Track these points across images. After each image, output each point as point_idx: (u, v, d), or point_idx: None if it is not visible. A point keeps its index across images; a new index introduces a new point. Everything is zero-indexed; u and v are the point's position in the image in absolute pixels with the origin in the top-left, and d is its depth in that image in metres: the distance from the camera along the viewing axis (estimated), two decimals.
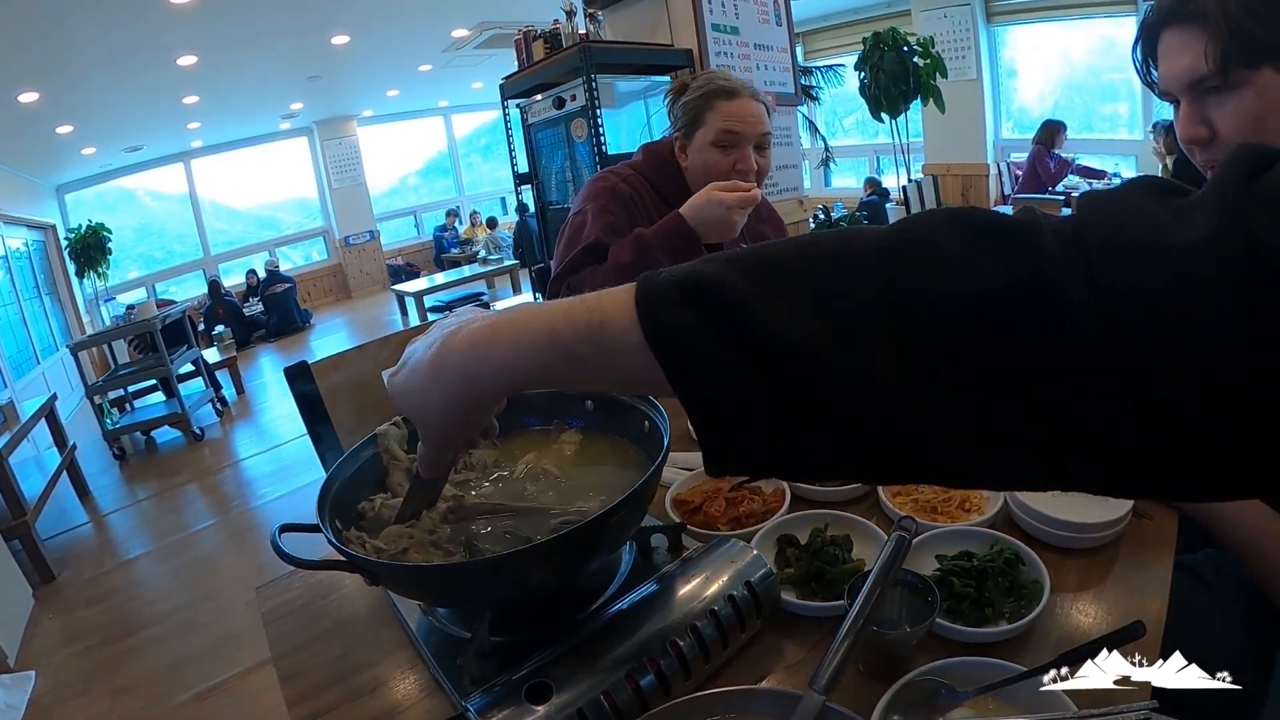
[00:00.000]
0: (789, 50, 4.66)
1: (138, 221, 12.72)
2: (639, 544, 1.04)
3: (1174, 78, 1.11)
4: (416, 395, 0.65)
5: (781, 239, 0.52)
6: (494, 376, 0.60)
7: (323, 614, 1.14)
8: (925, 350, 0.42)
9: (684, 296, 0.48)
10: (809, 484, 1.21)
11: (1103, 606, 0.93)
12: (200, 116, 10.36)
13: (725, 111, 1.90)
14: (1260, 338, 0.36)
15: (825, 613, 0.94)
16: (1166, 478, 0.42)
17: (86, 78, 7.26)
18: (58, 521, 5.06)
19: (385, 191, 14.93)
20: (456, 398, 0.63)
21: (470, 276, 9.31)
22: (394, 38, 8.89)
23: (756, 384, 0.46)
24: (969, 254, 0.43)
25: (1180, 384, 0.38)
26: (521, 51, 4.30)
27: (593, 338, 0.53)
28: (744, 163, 1.91)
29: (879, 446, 0.46)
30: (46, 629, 3.80)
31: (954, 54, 8.95)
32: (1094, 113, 9.14)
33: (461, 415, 0.65)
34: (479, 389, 0.62)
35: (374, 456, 1.05)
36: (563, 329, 0.55)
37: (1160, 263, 0.39)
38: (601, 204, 1.92)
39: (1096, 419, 0.40)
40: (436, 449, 0.73)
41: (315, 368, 1.71)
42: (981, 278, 0.42)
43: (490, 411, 0.71)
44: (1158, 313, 0.38)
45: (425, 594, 0.93)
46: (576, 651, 0.80)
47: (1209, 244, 0.38)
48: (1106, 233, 0.41)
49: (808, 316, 0.45)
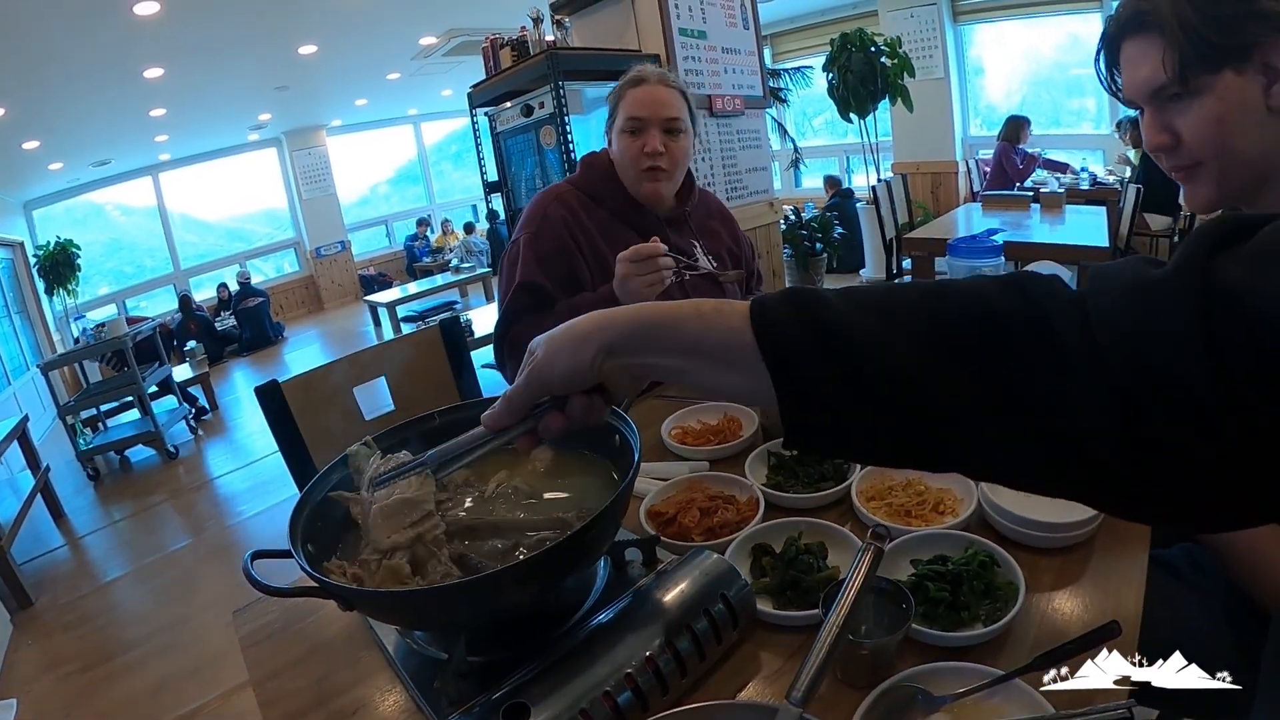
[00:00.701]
0: (757, 53, 4.67)
1: (108, 236, 12.56)
2: (614, 558, 1.04)
3: (1136, 87, 1.13)
4: (552, 335, 0.72)
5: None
6: (629, 313, 0.69)
7: (301, 637, 1.13)
8: (945, 349, 0.54)
9: (785, 297, 0.61)
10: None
11: (1079, 605, 0.94)
12: (168, 129, 10.22)
13: (632, 98, 1.95)
14: (1216, 356, 0.44)
15: (801, 622, 0.94)
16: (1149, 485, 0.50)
17: (52, 92, 7.16)
18: (33, 545, 4.98)
19: (356, 201, 14.81)
20: (589, 329, 0.70)
21: (443, 285, 9.26)
22: (362, 47, 8.83)
23: (825, 360, 0.57)
24: (997, 293, 0.55)
25: (1146, 387, 0.47)
26: (489, 59, 4.28)
27: (718, 304, 0.65)
28: (649, 144, 1.93)
29: (906, 424, 0.56)
30: (26, 656, 3.75)
31: (921, 53, 9.00)
32: (1061, 108, 9.21)
33: (582, 346, 0.69)
34: (612, 320, 0.69)
35: (344, 478, 1.04)
36: (702, 304, 0.66)
37: (1131, 292, 0.50)
38: (532, 232, 1.94)
39: (1078, 426, 0.50)
40: (530, 379, 0.73)
41: (285, 386, 1.70)
42: (999, 306, 0.54)
43: (598, 368, 0.70)
44: (1126, 332, 0.48)
45: (400, 619, 0.93)
46: (554, 670, 0.80)
47: (1168, 271, 0.48)
48: (1099, 283, 0.52)
49: (870, 318, 0.57)
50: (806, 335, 0.57)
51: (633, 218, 2.01)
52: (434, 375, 1.94)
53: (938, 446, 0.57)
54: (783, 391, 0.59)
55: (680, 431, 1.57)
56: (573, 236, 1.92)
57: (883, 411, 0.56)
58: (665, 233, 2.01)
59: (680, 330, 0.66)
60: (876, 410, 0.56)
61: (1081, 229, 4.87)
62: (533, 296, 1.88)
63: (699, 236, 2.13)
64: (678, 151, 1.98)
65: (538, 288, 1.87)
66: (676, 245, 2.02)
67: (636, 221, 2.00)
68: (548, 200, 1.99)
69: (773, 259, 4.89)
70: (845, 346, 0.56)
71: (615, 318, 0.69)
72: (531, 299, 1.88)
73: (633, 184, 1.99)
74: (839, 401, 0.57)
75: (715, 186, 4.38)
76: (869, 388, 0.55)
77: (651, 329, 0.67)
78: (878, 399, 0.55)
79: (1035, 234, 5.02)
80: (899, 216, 6.31)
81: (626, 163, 1.97)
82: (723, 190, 4.43)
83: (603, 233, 1.96)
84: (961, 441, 0.55)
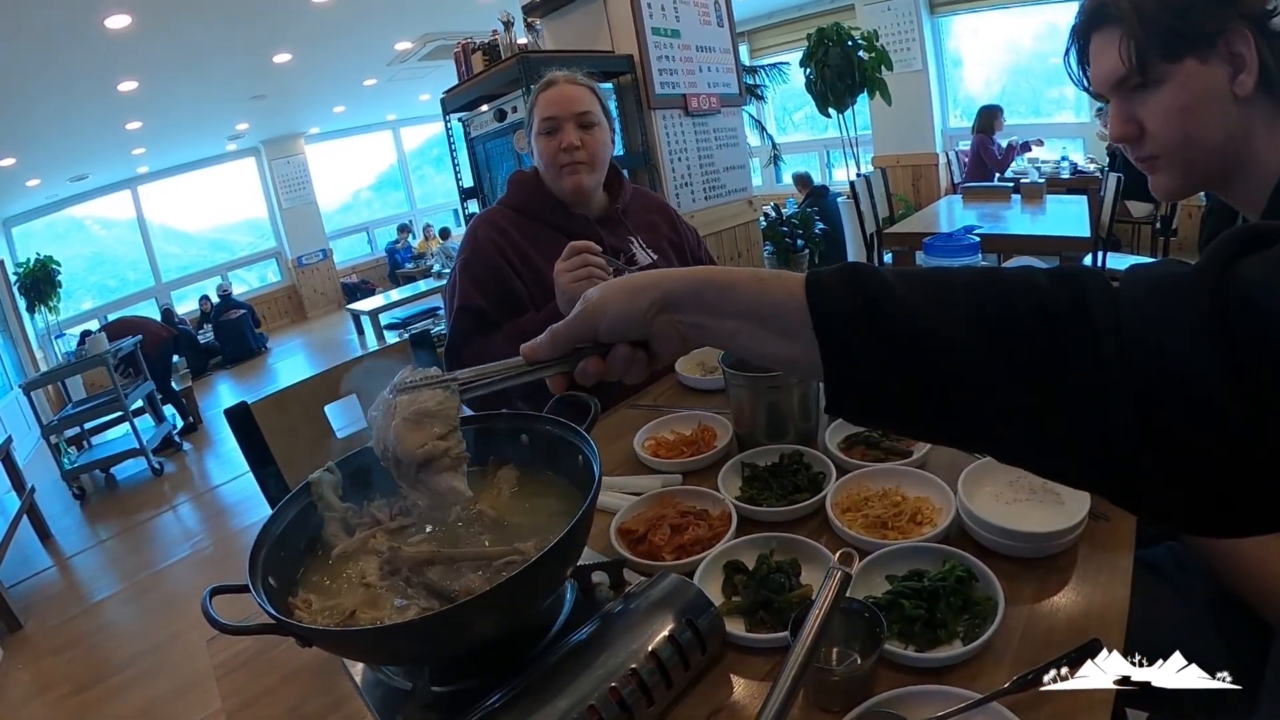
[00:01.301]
0: (732, 51, 4.66)
1: (89, 251, 12.49)
2: (580, 581, 1.02)
3: (1101, 79, 1.13)
4: (607, 284, 0.73)
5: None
6: (686, 273, 0.70)
7: (274, 665, 1.11)
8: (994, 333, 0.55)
9: (840, 271, 0.62)
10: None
11: (1061, 618, 0.92)
12: (145, 142, 10.17)
13: (544, 101, 2.01)
14: (1231, 354, 0.44)
15: (772, 644, 0.93)
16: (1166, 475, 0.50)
17: (26, 109, 7.11)
18: (21, 568, 4.94)
19: (338, 208, 14.77)
20: (645, 283, 0.71)
21: (426, 291, 9.24)
22: (336, 54, 8.80)
23: (874, 334, 0.59)
24: (1047, 283, 0.56)
25: (1164, 382, 0.47)
26: (461, 64, 4.26)
27: (776, 273, 0.66)
28: (565, 139, 1.97)
29: (948, 402, 0.58)
30: (16, 679, 3.74)
31: (899, 46, 9.01)
32: (1040, 97, 9.24)
33: (637, 298, 0.70)
34: (669, 277, 0.70)
35: (308, 506, 1.03)
36: (761, 271, 0.68)
37: (1154, 288, 0.51)
38: (465, 257, 2.00)
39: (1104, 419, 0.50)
40: (579, 316, 0.73)
41: (255, 407, 1.68)
42: (1049, 296, 0.55)
43: (651, 321, 0.70)
44: (1147, 327, 0.49)
45: (360, 655, 0.92)
46: (519, 700, 0.79)
47: (1190, 273, 0.49)
48: (1132, 280, 0.53)
49: (922, 296, 0.58)
50: (858, 308, 0.59)
51: (563, 224, 2.04)
52: None
53: (975, 427, 0.58)
54: (830, 362, 0.61)
55: (653, 443, 1.55)
56: (504, 256, 1.96)
57: (927, 391, 0.58)
58: (598, 233, 2.04)
59: (737, 292, 0.67)
60: (922, 388, 0.58)
61: (1063, 218, 4.88)
62: (473, 319, 1.93)
63: (636, 232, 2.16)
64: (594, 143, 2.02)
65: (476, 310, 1.92)
66: (611, 244, 2.05)
67: (567, 227, 2.03)
68: (477, 224, 2.06)
69: (753, 257, 4.88)
70: (895, 323, 0.58)
71: (674, 274, 0.70)
72: (472, 322, 1.93)
73: (556, 183, 2.03)
74: (884, 376, 0.59)
75: (693, 186, 4.37)
76: (915, 365, 0.57)
77: (710, 287, 0.68)
78: (923, 376, 0.57)
79: (1016, 225, 5.04)
80: (879, 210, 6.31)
81: (547, 162, 2.01)
82: (700, 189, 4.43)
83: (535, 245, 1.99)
84: (998, 424, 0.56)
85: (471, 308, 1.92)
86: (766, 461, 1.36)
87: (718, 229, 4.54)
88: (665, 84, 4.14)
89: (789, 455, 1.35)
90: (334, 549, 0.98)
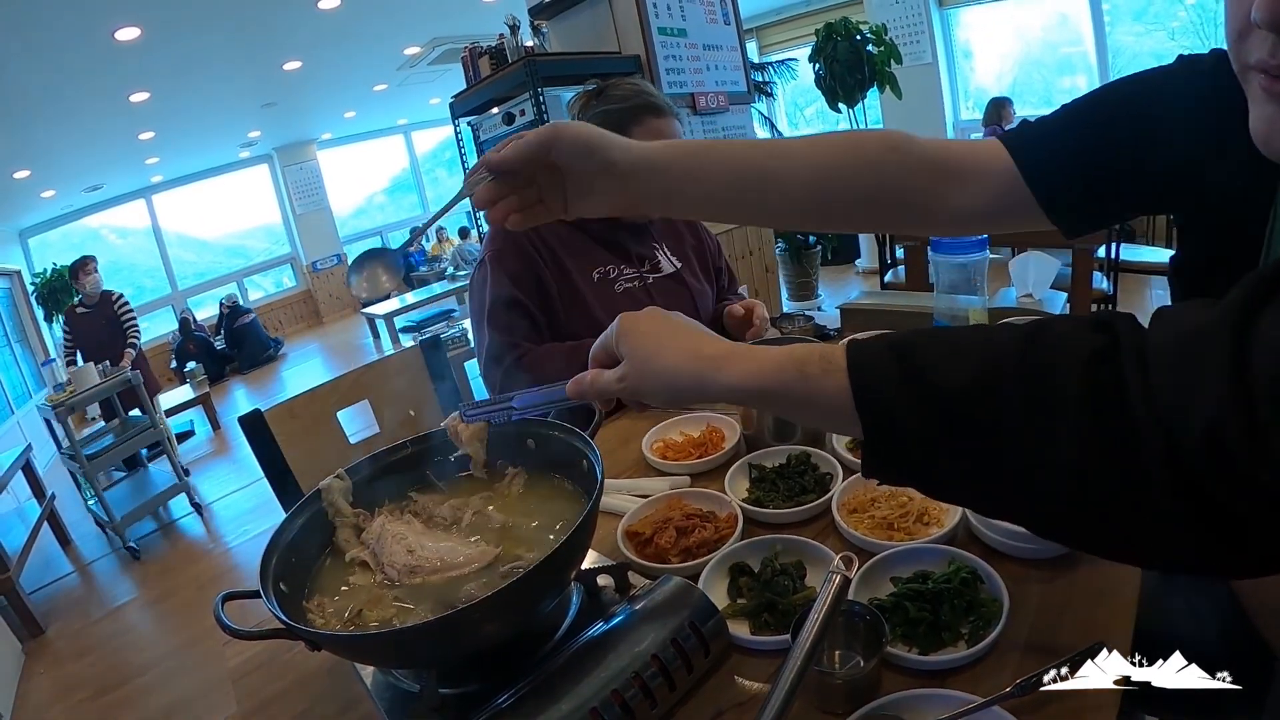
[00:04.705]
0: (739, 48, 4.65)
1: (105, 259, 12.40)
2: (586, 585, 1.03)
3: None
4: (651, 345, 0.76)
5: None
6: (737, 378, 0.70)
7: (287, 668, 1.13)
8: (1042, 404, 0.55)
9: (885, 341, 0.63)
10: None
11: (1067, 621, 0.91)
12: (158, 151, 10.25)
13: (655, 129, 1.90)
14: (1252, 427, 0.44)
15: (776, 646, 0.93)
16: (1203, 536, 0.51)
17: (39, 122, 7.17)
18: (42, 573, 5.01)
19: (352, 213, 14.87)
20: (691, 376, 0.72)
21: (441, 294, 9.24)
22: (346, 59, 8.82)
23: (924, 413, 0.59)
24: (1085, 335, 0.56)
25: (1190, 442, 0.48)
26: (468, 68, 4.27)
27: (823, 362, 0.65)
28: None
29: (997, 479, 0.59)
30: (39, 684, 3.78)
31: (908, 39, 8.97)
32: (1052, 87, 9.17)
33: (681, 387, 0.74)
34: (717, 382, 0.71)
35: (318, 513, 1.04)
36: (799, 353, 0.68)
37: (1178, 339, 0.51)
38: (496, 249, 1.92)
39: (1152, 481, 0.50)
40: (624, 391, 0.78)
41: (269, 414, 1.70)
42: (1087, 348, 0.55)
43: (685, 401, 0.80)
44: (1174, 383, 0.49)
45: (369, 659, 0.93)
46: (524, 703, 0.80)
47: (1213, 317, 0.49)
48: (1159, 327, 0.53)
49: (969, 371, 0.58)
50: (908, 398, 0.60)
51: (590, 226, 2.00)
52: (416, 396, 1.94)
53: (1021, 504, 0.60)
54: (880, 449, 0.63)
55: (661, 445, 1.56)
56: (534, 248, 1.91)
57: (977, 470, 0.60)
58: (625, 240, 2.02)
59: (780, 399, 0.69)
60: (972, 465, 0.59)
61: None
62: (510, 310, 1.87)
63: (662, 239, 2.14)
64: None
65: (514, 300, 1.87)
66: (637, 252, 2.03)
67: (593, 230, 2.00)
68: None
69: (765, 254, 4.87)
70: (945, 403, 0.59)
71: (719, 381, 0.71)
72: (509, 313, 1.87)
73: None
74: (934, 457, 0.60)
75: None
76: (969, 448, 0.59)
77: (754, 397, 0.71)
78: (972, 454, 0.59)
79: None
80: None
81: None
82: None
83: (563, 244, 1.95)
84: (1044, 503, 0.58)
85: (508, 298, 1.87)
86: (774, 463, 1.36)
87: (728, 227, 4.50)
88: (672, 83, 4.14)
89: (796, 456, 1.35)
90: (346, 554, 0.99)
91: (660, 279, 2.03)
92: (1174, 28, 7.60)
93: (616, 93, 1.94)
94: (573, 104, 2.04)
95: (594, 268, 1.97)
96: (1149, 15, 7.78)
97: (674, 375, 0.73)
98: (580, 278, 1.92)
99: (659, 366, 0.74)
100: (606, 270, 1.98)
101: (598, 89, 1.99)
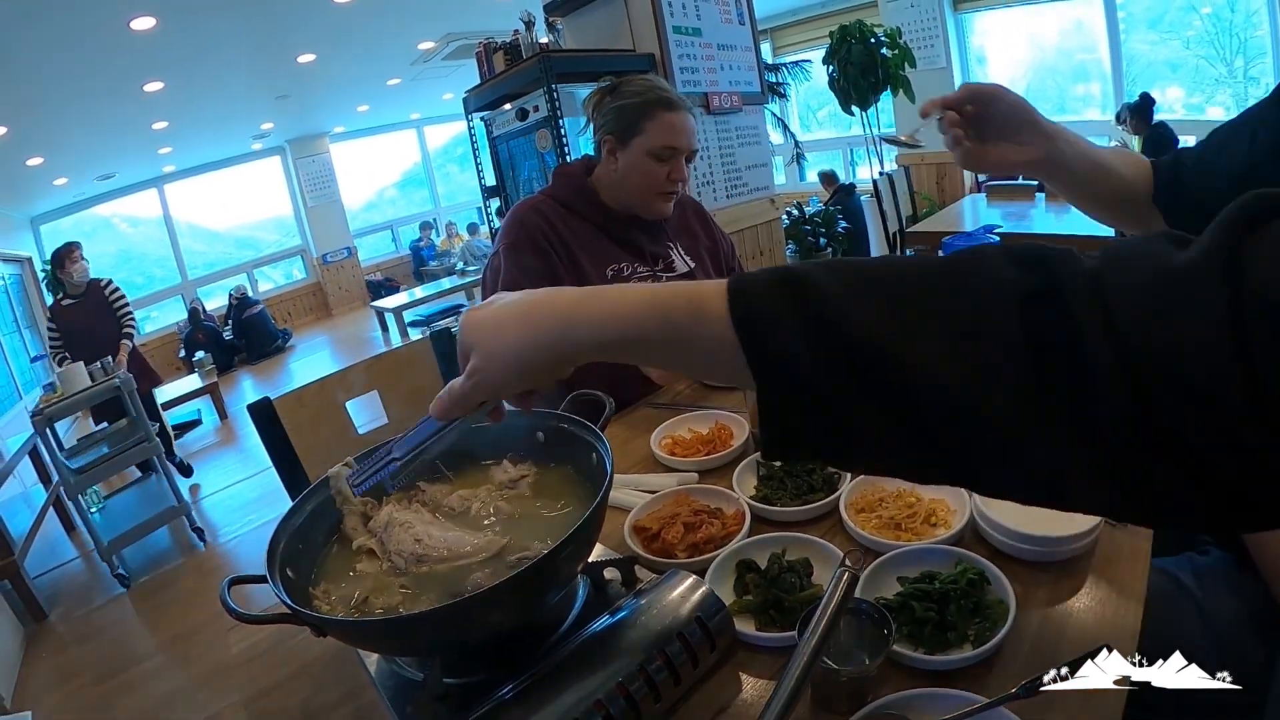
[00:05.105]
0: (753, 49, 4.64)
1: (116, 248, 12.61)
2: (592, 578, 1.03)
3: None
4: (491, 327, 0.68)
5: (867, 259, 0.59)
6: (587, 331, 0.63)
7: (291, 655, 1.14)
8: (967, 340, 0.48)
9: (774, 278, 0.54)
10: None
11: (1074, 624, 0.91)
12: (171, 141, 10.27)
13: (668, 123, 1.91)
14: (1245, 352, 0.40)
15: (781, 644, 0.93)
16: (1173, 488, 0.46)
17: (54, 110, 7.19)
18: (46, 558, 5.02)
19: (363, 206, 14.87)
20: (539, 343, 0.65)
21: (450, 289, 9.27)
22: (360, 53, 8.84)
23: (826, 364, 0.51)
24: (1015, 275, 0.49)
25: (1174, 396, 0.42)
26: (483, 64, 4.27)
27: (690, 306, 0.58)
28: (676, 173, 1.95)
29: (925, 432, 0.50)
30: (40, 669, 3.78)
31: (922, 43, 8.96)
32: (1066, 94, 9.15)
33: (534, 359, 0.66)
34: (568, 340, 0.64)
35: (326, 500, 1.04)
36: (664, 295, 0.61)
37: (1156, 283, 0.45)
38: (511, 241, 1.93)
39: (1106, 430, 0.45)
40: (477, 387, 0.70)
41: (278, 403, 1.71)
42: (1020, 289, 0.48)
43: (553, 372, 0.70)
44: (1154, 329, 0.43)
45: (374, 645, 0.93)
46: (529, 694, 0.80)
47: (1196, 261, 0.44)
48: (1119, 267, 0.47)
49: (874, 307, 0.51)
50: (803, 337, 0.52)
51: (606, 224, 2.02)
52: (426, 387, 1.94)
53: (960, 462, 0.52)
54: (773, 398, 0.54)
55: (670, 442, 1.56)
56: (550, 243, 1.92)
57: (901, 419, 0.50)
58: (639, 238, 2.03)
59: (649, 348, 0.62)
60: (893, 417, 0.50)
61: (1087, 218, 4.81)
62: None
63: (676, 238, 2.15)
64: (688, 176, 2.00)
65: None
66: (651, 251, 2.05)
67: (610, 228, 2.02)
68: (524, 210, 2.00)
69: (775, 255, 4.87)
70: (850, 345, 0.50)
71: (569, 338, 0.64)
72: None
73: (643, 202, 2.00)
74: (843, 408, 0.51)
75: (714, 184, 4.36)
76: (883, 392, 0.50)
77: (615, 348, 0.63)
78: (893, 403, 0.50)
79: (1041, 224, 4.99)
80: (902, 209, 6.28)
81: (645, 185, 1.96)
82: (722, 188, 4.42)
83: (578, 242, 1.96)
84: (989, 452, 0.50)
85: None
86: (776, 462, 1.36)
87: (740, 227, 4.52)
88: (686, 82, 4.13)
89: None
90: (352, 541, 0.99)
91: (673, 278, 2.03)
92: (1189, 36, 7.57)
93: (630, 89, 1.94)
94: (588, 101, 2.05)
95: (608, 265, 1.98)
96: (1164, 24, 7.75)
97: (520, 347, 0.66)
98: (594, 274, 1.93)
99: (501, 345, 0.66)
100: (620, 267, 1.99)
101: (612, 85, 1.99)
